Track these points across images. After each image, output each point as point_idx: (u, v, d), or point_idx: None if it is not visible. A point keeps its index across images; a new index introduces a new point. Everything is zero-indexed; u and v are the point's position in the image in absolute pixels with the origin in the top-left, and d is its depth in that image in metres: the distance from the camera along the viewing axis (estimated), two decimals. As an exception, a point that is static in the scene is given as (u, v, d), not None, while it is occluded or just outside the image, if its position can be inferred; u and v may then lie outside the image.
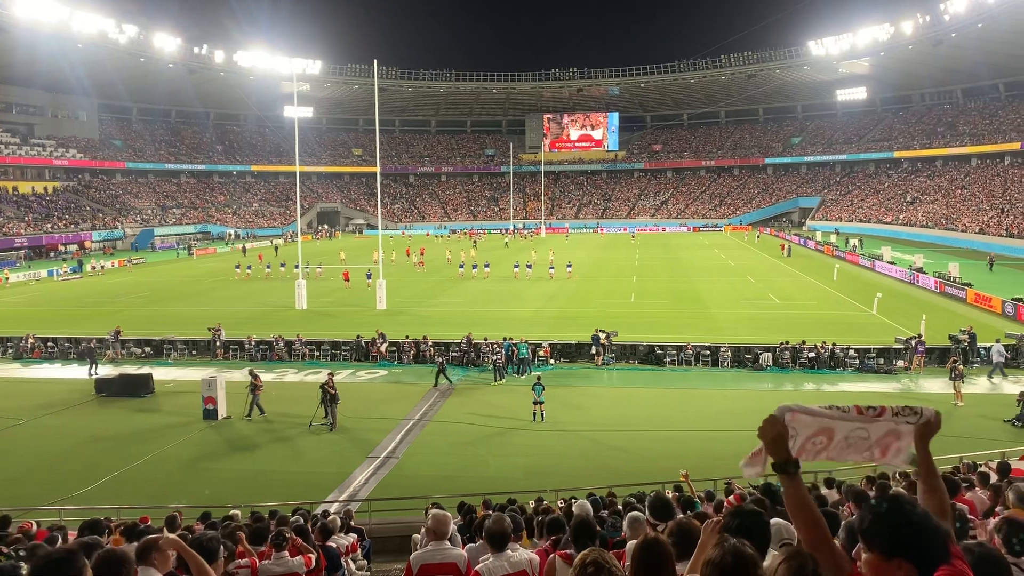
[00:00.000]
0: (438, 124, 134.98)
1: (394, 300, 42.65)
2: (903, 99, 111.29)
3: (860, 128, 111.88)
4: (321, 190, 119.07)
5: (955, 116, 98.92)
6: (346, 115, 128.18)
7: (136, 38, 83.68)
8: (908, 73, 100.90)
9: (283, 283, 50.92)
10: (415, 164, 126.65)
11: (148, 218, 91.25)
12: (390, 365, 29.49)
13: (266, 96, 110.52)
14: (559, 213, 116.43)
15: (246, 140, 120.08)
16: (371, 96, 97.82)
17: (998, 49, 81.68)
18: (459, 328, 32.06)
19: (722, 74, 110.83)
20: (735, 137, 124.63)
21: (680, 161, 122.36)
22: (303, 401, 23.50)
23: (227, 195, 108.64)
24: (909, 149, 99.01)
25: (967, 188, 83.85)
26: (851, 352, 27.79)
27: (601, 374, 28.10)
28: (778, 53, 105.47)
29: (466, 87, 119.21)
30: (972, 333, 27.97)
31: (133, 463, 19.14)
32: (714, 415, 22.65)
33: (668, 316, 37.94)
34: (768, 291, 45.94)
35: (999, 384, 25.35)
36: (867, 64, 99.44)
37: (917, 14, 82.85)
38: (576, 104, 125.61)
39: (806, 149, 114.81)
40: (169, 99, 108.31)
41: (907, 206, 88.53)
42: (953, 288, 42.59)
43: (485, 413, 22.99)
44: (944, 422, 10.65)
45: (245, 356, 30.92)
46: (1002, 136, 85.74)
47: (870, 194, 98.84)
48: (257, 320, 37.76)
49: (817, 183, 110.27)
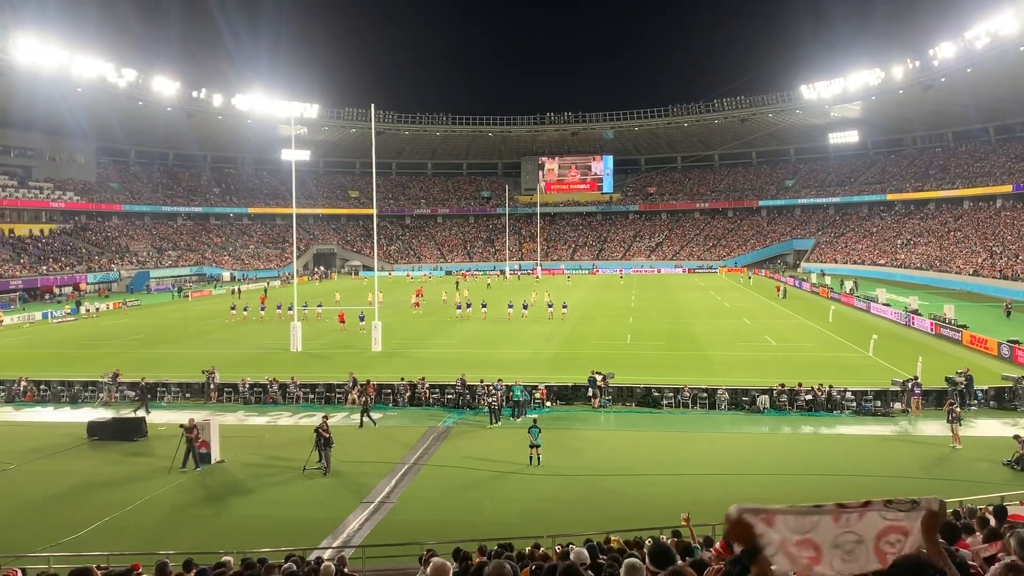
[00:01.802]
0: (435, 167, 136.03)
1: (389, 342, 42.55)
2: (895, 142, 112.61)
3: (853, 171, 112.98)
4: (318, 232, 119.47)
5: (946, 159, 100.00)
6: (343, 158, 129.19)
7: (135, 82, 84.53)
8: (899, 117, 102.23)
9: (278, 325, 50.82)
10: (411, 206, 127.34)
11: (144, 260, 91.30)
12: (384, 408, 29.30)
13: (264, 139, 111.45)
14: (555, 255, 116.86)
15: (243, 183, 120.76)
16: (368, 139, 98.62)
17: (987, 93, 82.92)
18: (455, 370, 31.91)
19: (715, 118, 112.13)
20: (729, 180, 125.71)
21: (675, 203, 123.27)
22: (297, 445, 23.30)
23: (223, 237, 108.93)
24: (902, 192, 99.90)
25: (960, 230, 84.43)
26: (848, 394, 27.70)
27: (598, 416, 27.94)
28: (770, 98, 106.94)
29: (462, 131, 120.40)
30: (969, 375, 27.93)
31: (124, 508, 18.88)
32: (712, 458, 22.50)
33: (665, 358, 37.89)
34: (764, 333, 45.94)
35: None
36: (858, 108, 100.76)
37: (907, 59, 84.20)
38: (571, 147, 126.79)
39: (799, 192, 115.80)
40: (167, 142, 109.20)
41: (901, 248, 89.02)
42: (948, 330, 42.65)
43: (481, 457, 22.78)
44: (942, 465, 10.66)
45: (239, 399, 30.74)
46: (993, 179, 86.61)
47: (864, 236, 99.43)
48: (252, 362, 37.61)
49: (811, 225, 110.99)
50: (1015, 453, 20.69)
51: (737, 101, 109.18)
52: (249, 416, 28.66)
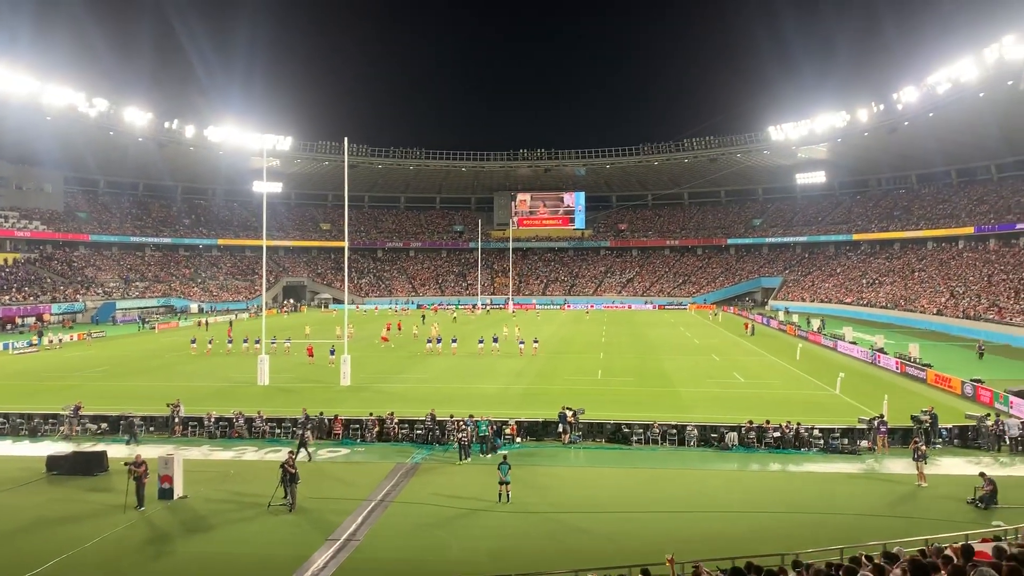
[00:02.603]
0: (407, 200, 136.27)
1: (358, 376, 42.20)
2: (860, 183, 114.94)
3: (819, 211, 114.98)
4: (288, 264, 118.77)
5: (910, 200, 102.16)
6: (316, 190, 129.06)
7: (106, 112, 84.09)
8: (865, 158, 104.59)
9: (245, 358, 50.23)
10: (383, 239, 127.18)
11: (110, 291, 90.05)
12: (352, 444, 28.97)
13: (236, 171, 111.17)
14: (527, 289, 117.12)
15: (214, 214, 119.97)
16: (341, 172, 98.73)
17: (949, 137, 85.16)
18: (424, 405, 31.72)
19: (685, 157, 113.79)
20: (698, 218, 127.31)
21: (645, 240, 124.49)
22: (262, 480, 22.91)
23: (192, 269, 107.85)
24: (867, 232, 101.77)
25: (924, 271, 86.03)
26: (816, 432, 27.89)
27: (568, 453, 27.82)
28: (739, 138, 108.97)
29: (436, 165, 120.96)
30: (933, 414, 28.27)
31: (83, 545, 18.39)
32: (681, 495, 22.47)
33: (635, 394, 37.94)
34: (733, 369, 46.24)
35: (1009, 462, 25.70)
36: (825, 149, 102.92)
37: (872, 102, 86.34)
38: (544, 183, 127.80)
39: (767, 230, 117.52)
40: (138, 172, 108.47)
41: (867, 287, 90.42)
42: (913, 368, 43.23)
43: (449, 493, 22.55)
44: (908, 503, 10.75)
45: (204, 433, 30.22)
46: (955, 221, 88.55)
47: (830, 275, 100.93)
48: (218, 396, 37.07)
49: (779, 263, 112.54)
50: (979, 491, 20.91)
51: (706, 141, 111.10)
52: (214, 451, 28.16)
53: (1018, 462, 25.99)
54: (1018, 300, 64.47)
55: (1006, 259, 76.53)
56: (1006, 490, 21.03)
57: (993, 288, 70.64)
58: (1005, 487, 21.15)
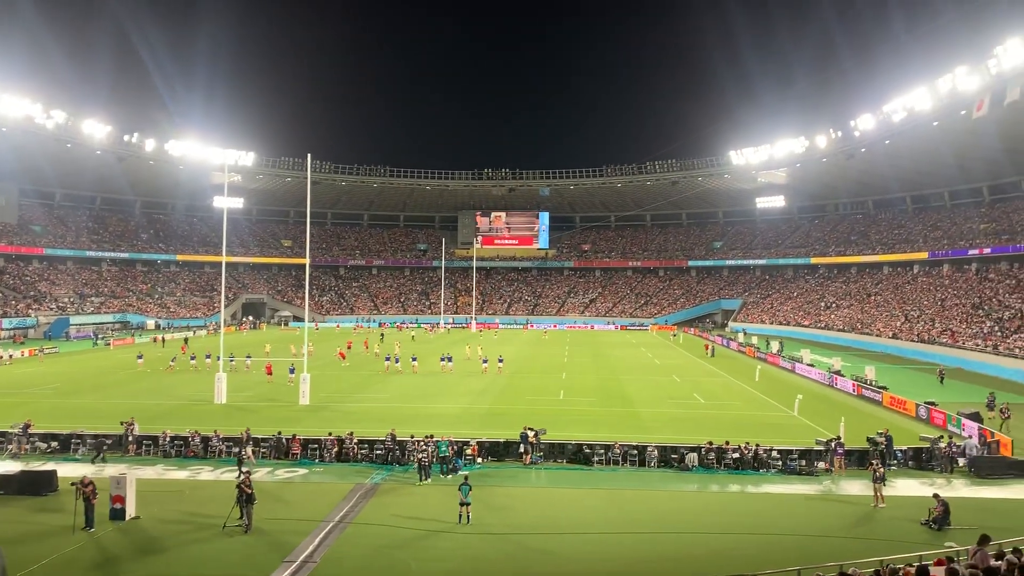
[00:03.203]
0: (371, 218, 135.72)
1: (318, 395, 41.73)
2: (818, 208, 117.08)
3: (779, 234, 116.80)
4: (248, 281, 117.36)
5: (867, 226, 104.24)
6: (278, 206, 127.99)
7: (64, 124, 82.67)
8: (823, 184, 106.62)
9: (203, 376, 49.41)
10: (346, 257, 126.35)
11: (64, 306, 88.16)
12: (310, 464, 28.58)
13: (197, 186, 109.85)
14: (490, 309, 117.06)
15: (173, 229, 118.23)
16: (304, 189, 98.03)
17: (904, 164, 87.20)
18: (385, 424, 31.43)
19: (647, 179, 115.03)
20: (660, 240, 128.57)
21: (608, 261, 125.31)
22: (218, 501, 22.46)
23: (150, 284, 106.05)
24: (825, 256, 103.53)
25: (880, 294, 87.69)
26: (774, 453, 28.14)
27: (529, 473, 27.72)
28: (700, 162, 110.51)
29: (401, 183, 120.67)
30: (889, 436, 28.71)
31: (29, 567, 17.83)
32: (641, 516, 22.49)
33: (597, 414, 38.01)
34: (693, 390, 46.58)
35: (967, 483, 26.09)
36: (784, 174, 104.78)
37: (830, 129, 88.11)
38: (508, 203, 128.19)
39: (727, 253, 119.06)
40: (96, 185, 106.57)
41: (824, 310, 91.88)
42: (869, 391, 43.92)
43: (409, 515, 22.32)
44: (864, 525, 10.88)
45: (159, 452, 29.59)
46: (910, 246, 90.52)
47: (789, 298, 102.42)
48: (173, 414, 36.39)
49: (738, 286, 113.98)
50: (932, 512, 21.23)
51: (669, 164, 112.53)
52: (169, 470, 27.58)
53: (976, 483, 26.45)
54: (970, 324, 65.95)
55: (958, 284, 78.33)
56: (959, 511, 21.38)
57: (946, 312, 72.21)
58: (958, 508, 21.51)
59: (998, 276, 74.18)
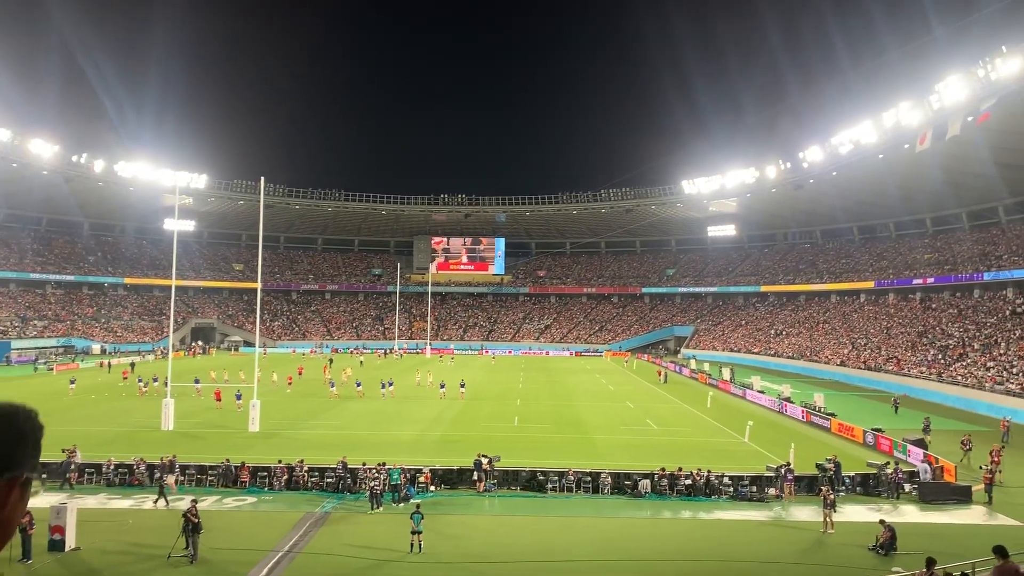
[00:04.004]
0: (325, 242, 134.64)
1: (268, 422, 41.01)
2: (768, 237, 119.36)
3: (729, 262, 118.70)
4: (198, 305, 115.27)
5: (815, 255, 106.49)
6: (229, 229, 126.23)
7: (9, 143, 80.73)
8: (773, 214, 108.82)
9: (149, 402, 48.27)
10: (299, 281, 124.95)
11: (6, 329, 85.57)
12: (259, 492, 28.02)
13: (147, 208, 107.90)
14: (445, 334, 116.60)
15: (122, 252, 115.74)
16: (256, 212, 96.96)
17: (851, 195, 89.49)
18: (336, 452, 30.98)
19: (602, 207, 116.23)
20: (614, 267, 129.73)
21: (563, 287, 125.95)
22: (163, 530, 21.87)
23: (96, 308, 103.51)
24: (775, 284, 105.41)
25: (828, 323, 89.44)
26: (726, 479, 28.38)
27: (482, 501, 27.54)
28: (654, 190, 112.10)
29: (355, 207, 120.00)
30: (837, 462, 29.17)
31: (-41, 604, 17.15)
32: (594, 544, 22.45)
33: (551, 441, 37.97)
34: (646, 417, 46.84)
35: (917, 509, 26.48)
36: (735, 204, 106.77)
37: (779, 160, 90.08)
38: (464, 228, 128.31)
39: (680, 280, 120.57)
40: (42, 206, 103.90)
41: (774, 338, 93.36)
42: (818, 417, 44.62)
43: (360, 544, 21.97)
44: (815, 551, 11.06)
45: (102, 480, 28.75)
46: (857, 275, 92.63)
47: (740, 325, 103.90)
48: (118, 441, 35.43)
49: (691, 313, 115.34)
50: (879, 538, 21.58)
51: (623, 192, 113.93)
52: (112, 499, 26.81)
53: (923, 508, 26.95)
54: (915, 352, 67.56)
55: (903, 313, 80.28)
56: (905, 537, 21.75)
57: (892, 340, 73.88)
58: (904, 533, 21.89)
59: (941, 305, 76.23)
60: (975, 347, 61.71)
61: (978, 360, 58.95)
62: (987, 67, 53.46)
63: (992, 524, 25.09)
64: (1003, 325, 63.26)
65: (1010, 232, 76.02)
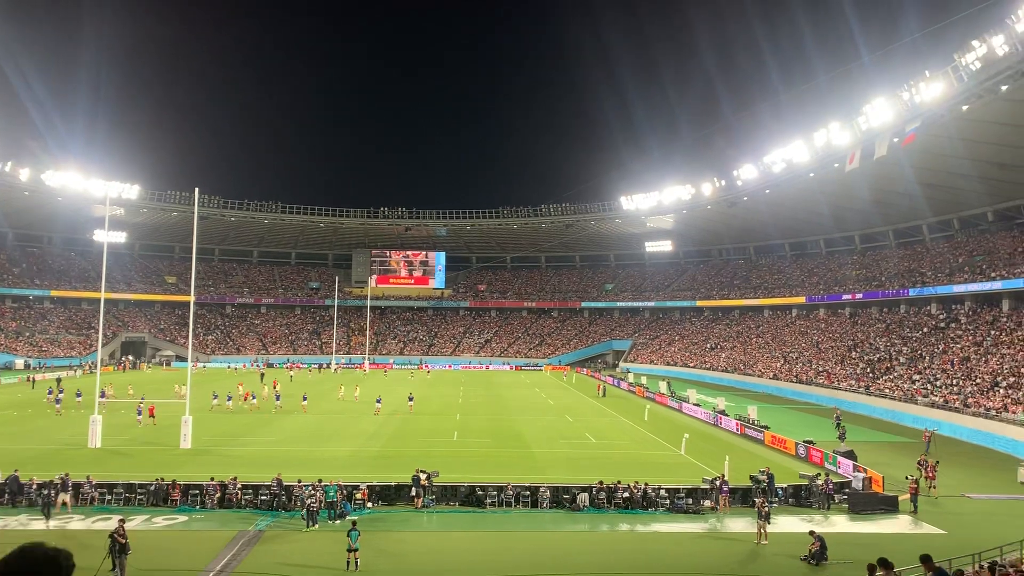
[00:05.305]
0: (261, 255, 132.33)
1: (200, 438, 40.02)
2: (704, 253, 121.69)
3: (667, 278, 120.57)
4: (128, 319, 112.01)
5: (749, 271, 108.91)
6: (162, 241, 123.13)
7: (-73, 149, 77.54)
8: (708, 230, 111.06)
9: (75, 419, 46.65)
10: (233, 294, 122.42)
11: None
12: (191, 510, 27.29)
13: (76, 218, 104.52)
14: (384, 348, 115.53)
15: (49, 264, 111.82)
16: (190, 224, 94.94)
17: (783, 212, 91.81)
18: (271, 469, 30.40)
19: (542, 222, 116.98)
20: (554, 281, 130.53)
21: (503, 301, 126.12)
22: (89, 551, 21.08)
23: (20, 321, 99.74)
24: (710, 299, 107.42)
25: (761, 337, 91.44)
26: (662, 492, 28.73)
27: (420, 517, 27.32)
28: (593, 206, 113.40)
29: (292, 219, 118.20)
30: (770, 474, 29.78)
31: None
32: (533, 559, 22.47)
33: (490, 455, 37.91)
34: (585, 430, 47.13)
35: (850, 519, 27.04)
36: (672, 220, 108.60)
37: (715, 178, 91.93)
38: (404, 242, 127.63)
39: (618, 295, 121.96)
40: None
41: (709, 351, 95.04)
42: (752, 430, 45.50)
43: (295, 562, 21.58)
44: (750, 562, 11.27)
45: (24, 501, 27.63)
46: (789, 291, 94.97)
47: (676, 339, 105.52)
48: (41, 459, 34.09)
49: (629, 327, 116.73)
50: (809, 548, 22.08)
51: (563, 208, 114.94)
52: (33, 520, 25.79)
53: (852, 518, 27.66)
54: (844, 366, 69.49)
55: (833, 327, 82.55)
56: (835, 546, 22.29)
57: (822, 354, 75.89)
58: (834, 543, 22.43)
59: (869, 320, 78.60)
60: (901, 361, 63.77)
61: (904, 373, 60.91)
62: (912, 90, 55.46)
63: (917, 533, 25.93)
64: (927, 339, 65.52)
65: (933, 250, 78.87)
